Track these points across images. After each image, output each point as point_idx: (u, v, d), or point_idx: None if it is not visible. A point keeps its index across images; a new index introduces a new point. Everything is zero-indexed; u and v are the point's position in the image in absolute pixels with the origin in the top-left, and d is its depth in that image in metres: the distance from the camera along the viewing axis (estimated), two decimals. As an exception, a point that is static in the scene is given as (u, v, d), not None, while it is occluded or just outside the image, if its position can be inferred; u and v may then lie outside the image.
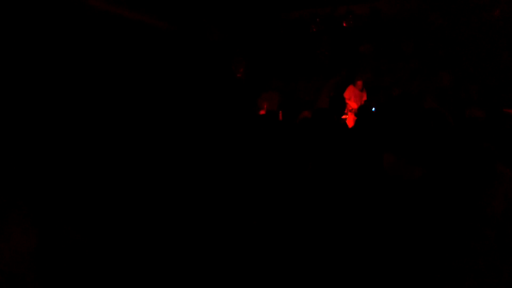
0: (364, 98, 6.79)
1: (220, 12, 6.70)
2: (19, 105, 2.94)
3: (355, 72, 7.04)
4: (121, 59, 5.25)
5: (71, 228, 2.17)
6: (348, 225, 2.48)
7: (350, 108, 6.75)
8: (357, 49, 7.47)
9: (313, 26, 7.07)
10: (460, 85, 6.71)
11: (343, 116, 6.56)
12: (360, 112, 3.97)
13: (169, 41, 6.32)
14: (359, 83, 6.67)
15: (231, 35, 7.28)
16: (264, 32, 7.34)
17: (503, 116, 3.92)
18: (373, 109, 4.40)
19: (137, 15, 5.78)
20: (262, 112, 6.54)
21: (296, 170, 3.29)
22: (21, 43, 3.17)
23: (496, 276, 2.15)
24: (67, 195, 2.62)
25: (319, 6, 6.91)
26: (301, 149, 3.48)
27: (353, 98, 6.74)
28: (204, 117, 6.42)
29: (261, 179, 3.29)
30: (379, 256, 2.22)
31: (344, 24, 6.97)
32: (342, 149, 3.38)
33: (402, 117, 3.38)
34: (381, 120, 3.53)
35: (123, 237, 2.46)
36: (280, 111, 7.01)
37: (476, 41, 6.80)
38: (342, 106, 4.44)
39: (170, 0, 5.85)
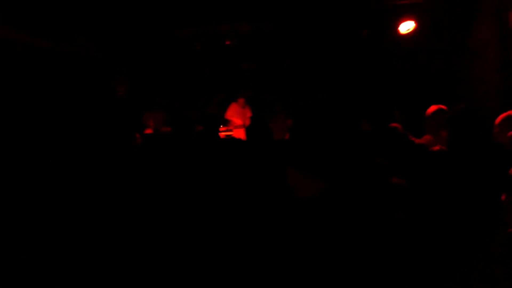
0: (248, 114, 6.87)
1: (100, 28, 6.42)
2: None
3: (237, 89, 7.13)
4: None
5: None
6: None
7: (235, 125, 6.79)
8: (239, 67, 7.59)
9: (197, 44, 7.03)
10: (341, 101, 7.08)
11: (228, 133, 6.58)
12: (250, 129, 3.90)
13: (49, 60, 5.94)
14: (241, 100, 6.75)
15: (112, 52, 7.00)
16: (147, 50, 7.17)
17: (390, 130, 4.12)
18: None
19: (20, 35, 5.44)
20: (148, 130, 6.32)
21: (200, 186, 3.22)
22: None
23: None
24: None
25: (203, 24, 6.89)
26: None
27: (236, 115, 6.80)
28: (85, 135, 6.07)
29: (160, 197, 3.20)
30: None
31: (227, 42, 7.02)
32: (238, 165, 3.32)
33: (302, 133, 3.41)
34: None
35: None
36: (168, 129, 6.86)
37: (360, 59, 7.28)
38: (216, 124, 4.38)
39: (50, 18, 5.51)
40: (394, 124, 3.98)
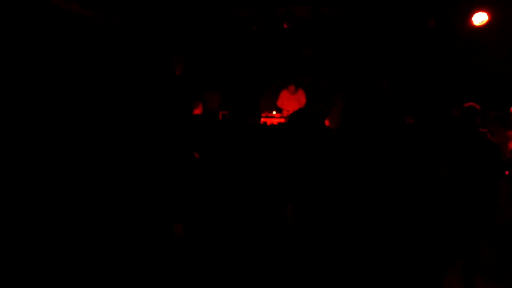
0: (302, 100, 6.68)
1: (160, 8, 6.50)
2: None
3: (296, 75, 6.90)
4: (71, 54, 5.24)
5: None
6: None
7: (287, 112, 6.64)
8: (299, 52, 7.32)
9: (254, 25, 6.86)
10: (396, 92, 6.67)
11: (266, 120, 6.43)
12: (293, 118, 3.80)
13: (110, 37, 6.16)
14: (291, 87, 6.54)
15: (171, 32, 7.08)
16: (204, 30, 7.16)
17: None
18: None
19: (85, 11, 5.67)
20: (196, 111, 6.27)
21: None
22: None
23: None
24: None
25: (259, 5, 6.70)
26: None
27: (286, 102, 6.65)
28: (142, 113, 6.30)
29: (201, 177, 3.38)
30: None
31: (285, 26, 6.79)
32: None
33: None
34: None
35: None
36: (220, 112, 6.89)
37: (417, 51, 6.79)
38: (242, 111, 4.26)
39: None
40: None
